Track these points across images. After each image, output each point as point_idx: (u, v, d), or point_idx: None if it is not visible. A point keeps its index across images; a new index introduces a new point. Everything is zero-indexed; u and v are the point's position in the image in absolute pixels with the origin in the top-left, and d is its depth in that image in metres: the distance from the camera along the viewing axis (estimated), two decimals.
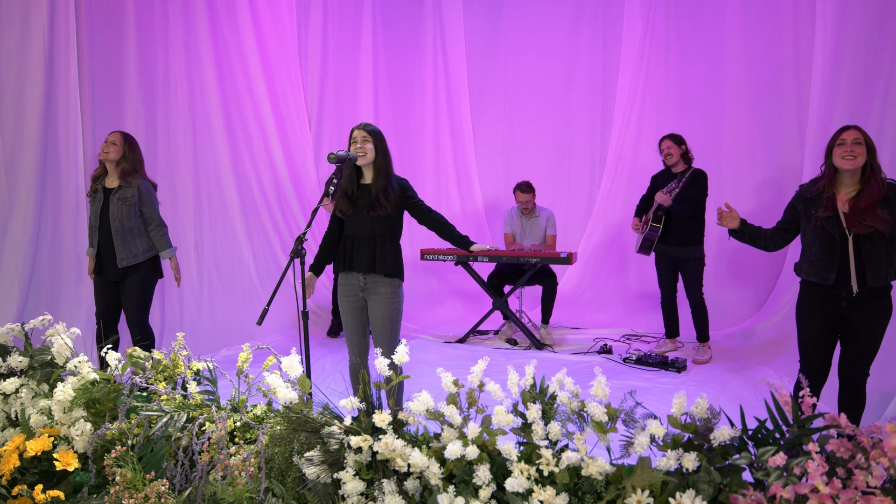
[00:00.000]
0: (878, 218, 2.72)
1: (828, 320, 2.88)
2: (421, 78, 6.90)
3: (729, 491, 1.68)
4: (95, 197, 3.84)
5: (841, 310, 2.85)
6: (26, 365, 2.37)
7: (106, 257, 3.82)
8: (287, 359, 2.10)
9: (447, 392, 1.95)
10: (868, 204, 2.75)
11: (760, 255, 5.65)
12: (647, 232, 4.71)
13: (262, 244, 5.83)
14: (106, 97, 4.78)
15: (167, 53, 5.11)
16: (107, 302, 3.90)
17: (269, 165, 5.98)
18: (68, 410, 2.21)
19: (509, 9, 6.77)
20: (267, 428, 1.98)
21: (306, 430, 2.00)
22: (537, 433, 1.87)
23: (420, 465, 1.81)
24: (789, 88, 5.51)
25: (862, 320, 2.84)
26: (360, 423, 1.94)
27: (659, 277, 4.84)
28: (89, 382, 2.27)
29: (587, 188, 6.64)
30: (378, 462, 1.92)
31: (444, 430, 1.89)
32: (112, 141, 3.81)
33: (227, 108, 5.60)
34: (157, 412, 2.03)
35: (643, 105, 6.15)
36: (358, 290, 3.20)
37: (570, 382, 1.95)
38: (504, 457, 1.83)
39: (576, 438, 1.84)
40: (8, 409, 2.32)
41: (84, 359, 2.28)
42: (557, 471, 1.76)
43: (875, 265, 2.77)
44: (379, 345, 3.22)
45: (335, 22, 6.58)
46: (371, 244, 3.13)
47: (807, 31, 5.38)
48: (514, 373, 1.97)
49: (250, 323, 5.48)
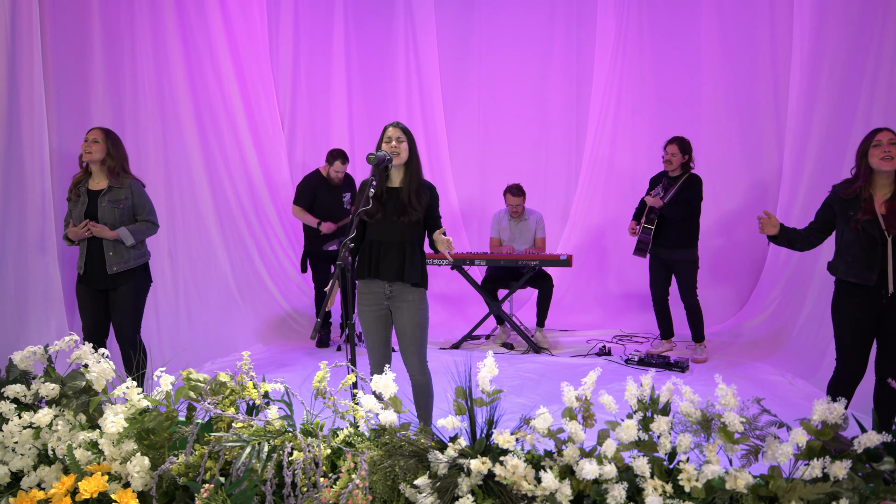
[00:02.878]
0: None
1: (867, 319, 2.92)
2: (393, 79, 6.73)
3: (876, 497, 1.65)
4: (78, 200, 3.49)
5: (880, 308, 2.90)
6: (57, 393, 2.08)
7: (92, 264, 3.48)
8: (378, 378, 1.93)
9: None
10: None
11: (739, 255, 5.81)
12: (640, 234, 4.73)
13: (239, 251, 5.51)
14: (71, 96, 4.38)
15: (134, 51, 4.73)
16: (95, 314, 3.56)
17: (243, 168, 5.67)
18: (117, 443, 1.96)
19: (481, 9, 6.70)
20: (366, 454, 1.80)
21: (407, 455, 1.84)
22: (664, 446, 1.78)
23: (550, 488, 1.68)
24: (767, 90, 5.65)
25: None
26: (474, 445, 1.80)
27: (651, 279, 4.87)
28: (139, 411, 2.02)
29: (564, 190, 6.65)
30: (492, 486, 1.78)
31: (568, 448, 1.77)
32: (94, 139, 3.48)
33: (198, 108, 5.26)
34: (237, 442, 1.81)
35: (619, 107, 6.20)
36: (382, 299, 3.03)
37: (689, 391, 1.87)
38: (635, 473, 1.73)
39: (706, 450, 1.76)
40: (40, 443, 2.04)
41: (132, 384, 2.03)
42: (700, 486, 1.67)
43: None
44: (408, 354, 3.06)
45: (307, 22, 6.34)
46: (400, 251, 2.97)
47: (784, 31, 5.51)
48: (633, 383, 1.88)
49: (231, 334, 5.17)
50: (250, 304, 5.45)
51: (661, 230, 4.65)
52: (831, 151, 4.73)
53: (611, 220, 6.32)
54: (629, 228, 4.91)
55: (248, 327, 5.35)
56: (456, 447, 1.75)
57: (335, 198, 5.23)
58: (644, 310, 6.03)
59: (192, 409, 2.04)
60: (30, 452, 2.01)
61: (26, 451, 2.01)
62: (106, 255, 3.44)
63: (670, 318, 4.93)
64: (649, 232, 4.65)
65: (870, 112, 4.25)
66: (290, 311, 5.73)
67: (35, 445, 2.02)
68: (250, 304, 5.45)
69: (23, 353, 2.17)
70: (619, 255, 6.30)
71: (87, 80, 4.44)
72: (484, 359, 1.93)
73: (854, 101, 4.44)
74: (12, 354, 2.17)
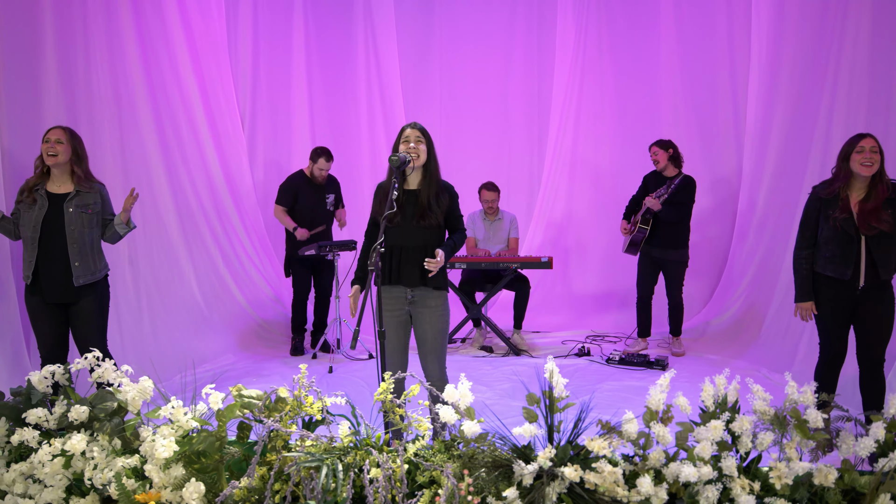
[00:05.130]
0: (882, 220, 3.00)
1: (842, 309, 3.14)
2: (354, 79, 6.58)
3: None
4: (34, 204, 3.20)
5: (854, 299, 3.11)
6: (87, 416, 1.89)
7: (49, 275, 3.20)
8: (452, 388, 1.85)
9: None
10: (875, 206, 3.02)
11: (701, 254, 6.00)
12: (634, 234, 4.83)
13: (202, 256, 5.23)
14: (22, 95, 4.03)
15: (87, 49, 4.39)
16: (54, 328, 3.27)
17: (204, 170, 5.39)
18: (165, 468, 1.80)
19: (441, 8, 6.65)
20: (449, 467, 1.73)
21: (490, 466, 1.78)
22: (745, 445, 1.80)
23: (647, 493, 1.66)
24: (725, 92, 5.85)
25: (871, 308, 3.11)
26: (561, 452, 1.76)
27: (639, 277, 4.98)
28: (186, 433, 1.86)
29: (527, 189, 6.69)
30: (578, 492, 1.75)
31: (655, 451, 1.76)
32: (57, 139, 3.21)
33: (156, 108, 4.94)
34: (313, 461, 1.70)
35: (580, 105, 6.27)
36: (404, 304, 2.95)
37: (760, 390, 1.90)
38: (723, 473, 1.73)
39: (787, 447, 1.79)
40: (70, 473, 1.84)
41: (178, 403, 1.86)
42: (790, 483, 1.70)
43: (885, 261, 3.06)
44: (429, 360, 3.00)
45: (266, 21, 6.10)
46: (422, 255, 2.90)
47: (742, 35, 5.70)
48: (710, 385, 1.88)
49: (199, 344, 4.89)
50: (216, 313, 5.19)
51: (654, 230, 4.77)
52: (792, 153, 4.96)
53: (574, 220, 6.42)
54: (622, 228, 5.02)
55: (215, 337, 5.08)
56: (547, 455, 1.70)
57: (318, 198, 5.07)
58: (611, 309, 6.16)
59: (245, 427, 1.90)
60: (60, 483, 1.82)
61: (56, 483, 1.82)
62: (72, 265, 3.17)
63: (651, 317, 5.05)
64: (644, 232, 4.77)
65: (830, 115, 4.43)
66: (258, 320, 5.50)
67: (66, 475, 1.83)
68: (216, 313, 5.19)
69: (40, 373, 1.96)
70: (582, 254, 6.41)
71: (39, 78, 4.12)
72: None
73: (815, 104, 4.61)
74: (29, 375, 1.95)
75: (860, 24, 4.20)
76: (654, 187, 4.89)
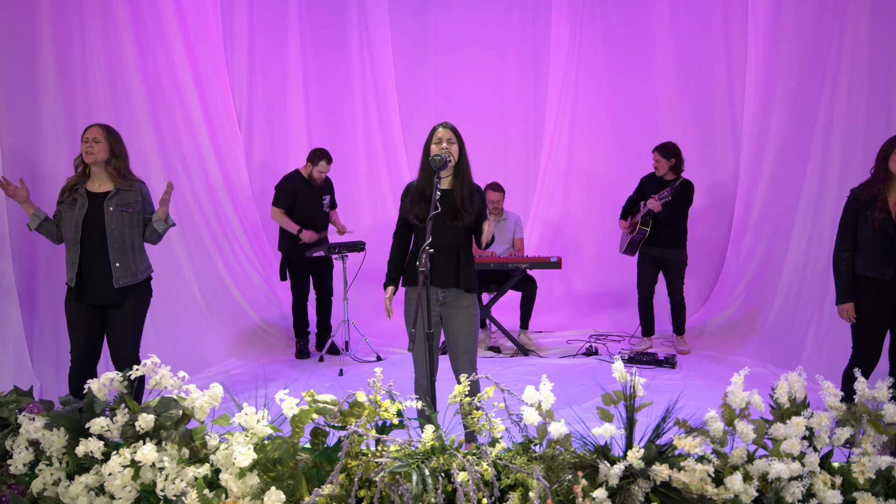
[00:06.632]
0: None
1: (882, 310, 3.16)
2: (349, 80, 6.52)
3: None
4: (75, 204, 3.10)
5: (894, 301, 3.15)
6: (153, 425, 1.82)
7: (92, 276, 3.11)
8: (532, 389, 1.84)
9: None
10: None
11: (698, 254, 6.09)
12: (634, 234, 4.88)
13: (202, 258, 5.11)
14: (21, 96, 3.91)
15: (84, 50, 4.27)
16: (88, 334, 3.16)
17: (202, 170, 5.27)
18: (240, 477, 1.74)
19: (436, 8, 6.62)
20: (538, 469, 1.71)
21: (574, 468, 1.77)
22: (822, 440, 1.82)
23: (737, 490, 1.67)
24: (722, 93, 5.93)
25: None
26: (649, 451, 1.75)
27: (639, 277, 5.03)
28: (260, 439, 1.81)
29: (523, 190, 6.70)
30: (662, 490, 1.75)
31: (738, 449, 1.77)
32: (94, 138, 3.11)
33: (154, 108, 4.83)
34: (400, 465, 1.66)
35: (575, 105, 6.30)
36: (435, 305, 2.93)
37: (831, 387, 1.93)
38: (808, 469, 1.75)
39: (862, 441, 1.82)
40: (138, 484, 1.77)
41: (252, 410, 1.81)
42: (874, 477, 1.72)
43: None
44: (461, 361, 2.99)
45: (261, 22, 6.01)
46: (454, 256, 2.89)
47: (739, 36, 5.78)
48: (785, 382, 1.90)
49: (202, 348, 4.79)
50: (218, 316, 5.08)
51: (654, 231, 4.82)
52: (790, 153, 5.07)
53: (570, 221, 6.46)
54: (622, 226, 5.06)
55: (218, 341, 4.97)
56: (636, 455, 1.70)
57: (315, 200, 4.99)
58: (608, 308, 6.21)
59: (320, 433, 1.85)
60: (129, 496, 1.75)
61: (124, 495, 1.75)
62: (112, 266, 3.07)
63: (653, 316, 5.10)
64: (644, 233, 4.81)
65: (829, 115, 4.51)
66: (260, 323, 5.40)
67: (135, 487, 1.76)
68: (218, 316, 5.08)
69: (100, 380, 1.88)
70: (579, 254, 6.44)
71: (37, 78, 4.03)
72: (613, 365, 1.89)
73: (813, 104, 4.69)
74: (89, 382, 1.87)
75: (859, 24, 4.25)
76: (650, 190, 4.92)
